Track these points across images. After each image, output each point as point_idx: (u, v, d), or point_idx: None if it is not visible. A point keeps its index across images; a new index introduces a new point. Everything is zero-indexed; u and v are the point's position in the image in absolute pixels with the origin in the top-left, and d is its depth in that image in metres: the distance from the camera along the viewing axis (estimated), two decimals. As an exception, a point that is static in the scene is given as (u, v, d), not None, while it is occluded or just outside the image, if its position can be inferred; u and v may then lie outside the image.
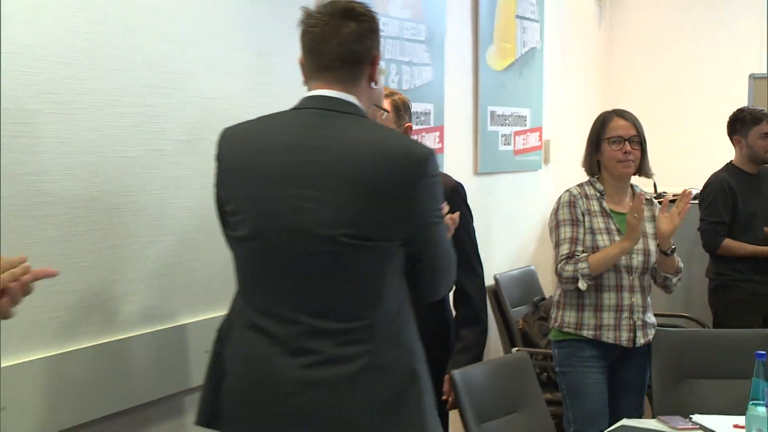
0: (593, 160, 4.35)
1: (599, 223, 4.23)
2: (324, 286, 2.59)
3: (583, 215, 4.24)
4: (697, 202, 5.69)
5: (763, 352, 3.15)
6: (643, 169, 4.31)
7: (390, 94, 3.67)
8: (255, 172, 2.58)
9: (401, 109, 3.72)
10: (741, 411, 3.23)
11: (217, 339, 2.79)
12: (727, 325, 5.17)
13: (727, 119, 5.57)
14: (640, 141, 4.25)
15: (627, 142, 4.20)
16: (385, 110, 3.46)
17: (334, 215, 2.54)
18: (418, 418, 2.65)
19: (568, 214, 4.26)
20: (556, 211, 4.32)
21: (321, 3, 2.79)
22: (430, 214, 2.68)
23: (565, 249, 4.19)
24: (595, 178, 4.36)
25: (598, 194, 4.30)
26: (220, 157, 2.73)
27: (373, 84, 2.77)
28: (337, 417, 2.55)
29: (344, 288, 2.60)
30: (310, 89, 2.72)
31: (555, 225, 4.30)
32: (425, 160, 2.63)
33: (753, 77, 6.51)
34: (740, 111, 5.57)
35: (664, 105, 7.08)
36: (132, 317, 3.45)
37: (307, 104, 2.68)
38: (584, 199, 4.28)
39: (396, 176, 2.57)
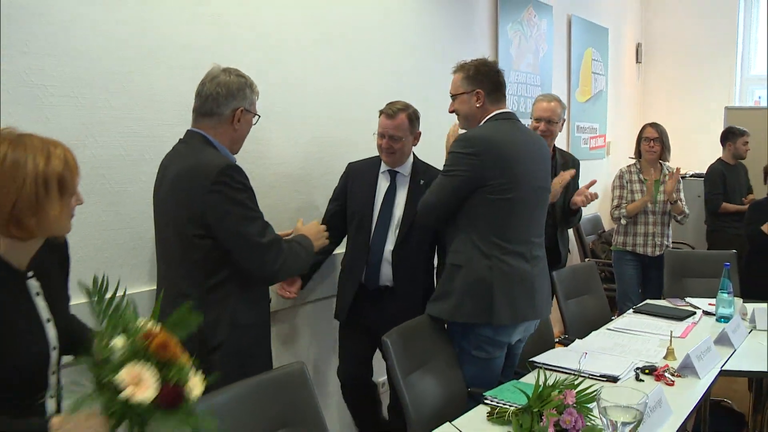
0: (638, 149, 4.47)
1: (636, 186, 4.36)
2: (541, 219, 2.62)
3: (627, 183, 4.37)
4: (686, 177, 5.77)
5: (728, 263, 3.22)
6: (662, 156, 4.38)
7: (406, 107, 2.93)
8: (513, 158, 2.46)
9: (414, 119, 2.95)
10: (714, 295, 3.27)
11: (461, 267, 2.48)
12: (715, 252, 5.04)
13: (722, 132, 5.43)
14: (660, 140, 4.34)
15: (652, 141, 4.33)
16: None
17: (548, 182, 2.69)
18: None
19: (618, 182, 4.42)
20: (613, 181, 4.46)
21: (484, 59, 2.69)
22: None
23: (615, 202, 4.39)
24: (638, 161, 4.47)
25: (638, 170, 4.42)
26: (481, 153, 2.43)
27: None
28: (547, 293, 2.63)
29: (545, 219, 2.66)
30: (494, 109, 2.57)
31: (612, 188, 4.44)
32: None
33: (727, 108, 6.23)
34: (731, 127, 5.38)
35: (676, 124, 6.73)
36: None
37: (508, 116, 2.59)
38: (628, 174, 4.42)
39: None
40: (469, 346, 2.51)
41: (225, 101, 2.14)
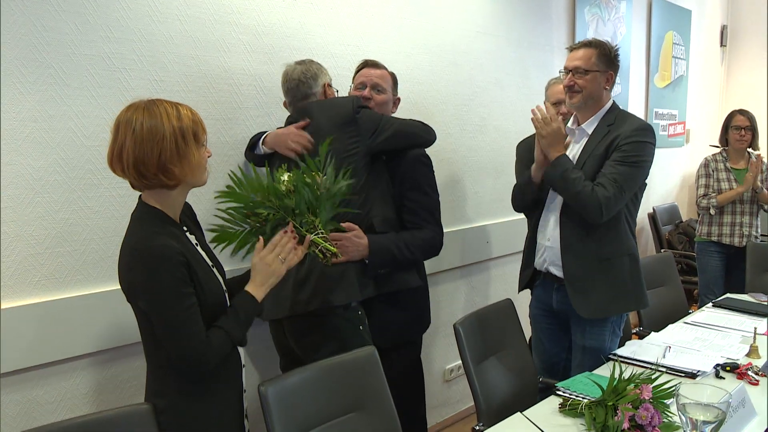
0: (724, 138, 4.31)
1: (723, 175, 4.21)
2: None
3: (713, 171, 4.23)
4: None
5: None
6: (752, 144, 4.23)
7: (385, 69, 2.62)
8: None
9: (396, 81, 2.64)
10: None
11: (631, 255, 2.51)
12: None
13: None
14: (751, 128, 4.19)
15: (743, 129, 4.17)
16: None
17: None
18: None
19: (704, 170, 4.27)
20: (698, 170, 4.32)
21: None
22: None
23: (701, 191, 4.24)
24: (724, 149, 4.31)
25: (724, 158, 4.27)
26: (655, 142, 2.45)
27: None
28: None
29: None
30: (610, 96, 2.53)
31: (697, 176, 4.30)
32: None
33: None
34: None
35: (762, 110, 6.47)
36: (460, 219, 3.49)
37: None
38: (714, 162, 4.27)
39: None
40: (619, 333, 2.57)
41: (314, 82, 2.38)
